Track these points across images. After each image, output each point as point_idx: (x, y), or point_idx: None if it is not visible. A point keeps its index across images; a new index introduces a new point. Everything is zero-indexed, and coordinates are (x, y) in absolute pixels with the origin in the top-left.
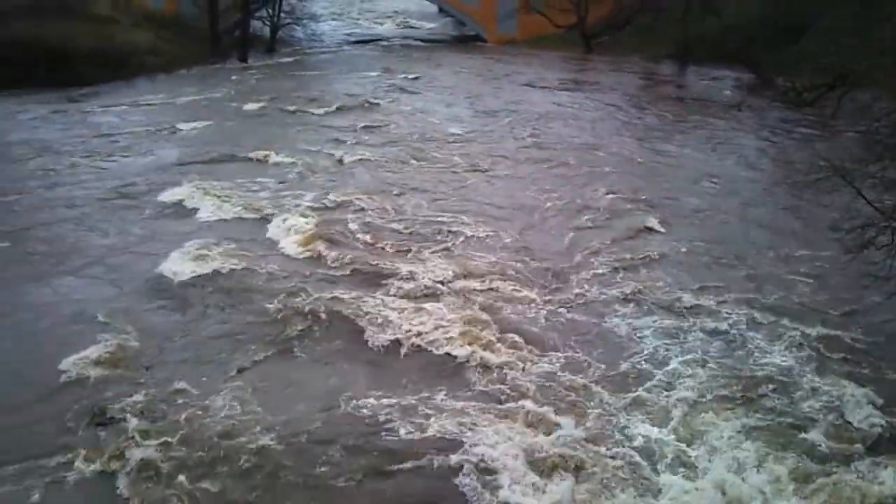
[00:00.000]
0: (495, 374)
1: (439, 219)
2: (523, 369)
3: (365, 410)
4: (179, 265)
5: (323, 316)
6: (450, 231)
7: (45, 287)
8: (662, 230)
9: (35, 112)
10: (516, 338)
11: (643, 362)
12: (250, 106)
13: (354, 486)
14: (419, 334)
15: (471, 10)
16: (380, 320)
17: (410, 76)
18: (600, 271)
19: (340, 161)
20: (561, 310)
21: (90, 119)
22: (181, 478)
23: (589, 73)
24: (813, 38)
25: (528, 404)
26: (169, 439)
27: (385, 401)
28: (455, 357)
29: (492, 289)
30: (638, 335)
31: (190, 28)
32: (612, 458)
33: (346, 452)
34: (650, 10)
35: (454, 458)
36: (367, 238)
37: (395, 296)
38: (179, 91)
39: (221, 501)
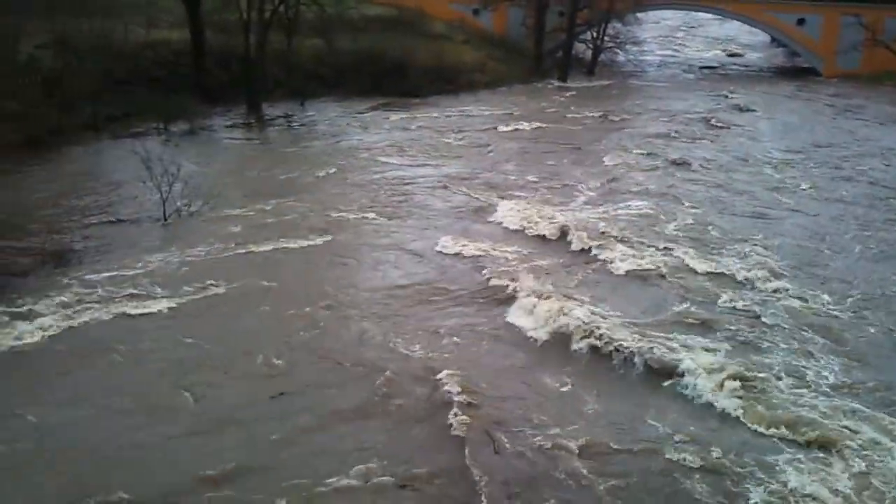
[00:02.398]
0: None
1: (737, 234)
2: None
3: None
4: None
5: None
6: (743, 251)
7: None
8: None
9: (379, 114)
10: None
11: None
12: (574, 118)
13: None
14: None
15: (807, 41)
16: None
17: (737, 103)
18: None
19: (656, 166)
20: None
21: (422, 124)
22: None
23: None
24: None
25: None
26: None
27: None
28: None
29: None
30: None
31: (514, 48)
32: None
33: None
34: None
35: None
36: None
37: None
38: (501, 104)
39: None
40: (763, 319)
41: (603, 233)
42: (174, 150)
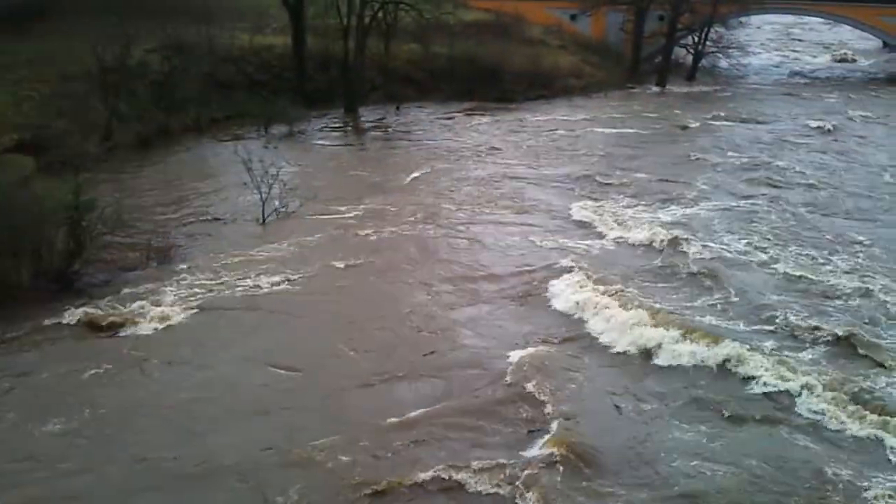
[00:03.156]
0: None
1: (842, 239)
2: None
3: None
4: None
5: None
6: (847, 257)
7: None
8: None
9: (474, 119)
10: None
11: None
12: (673, 123)
13: None
14: None
15: None
16: None
17: (845, 109)
18: None
19: (759, 168)
20: None
21: (517, 127)
22: None
23: None
24: None
25: None
26: None
27: None
28: None
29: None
30: None
31: (612, 53)
32: None
33: None
34: None
35: None
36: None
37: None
38: (598, 108)
39: None
40: (865, 322)
41: (706, 231)
42: (273, 153)
